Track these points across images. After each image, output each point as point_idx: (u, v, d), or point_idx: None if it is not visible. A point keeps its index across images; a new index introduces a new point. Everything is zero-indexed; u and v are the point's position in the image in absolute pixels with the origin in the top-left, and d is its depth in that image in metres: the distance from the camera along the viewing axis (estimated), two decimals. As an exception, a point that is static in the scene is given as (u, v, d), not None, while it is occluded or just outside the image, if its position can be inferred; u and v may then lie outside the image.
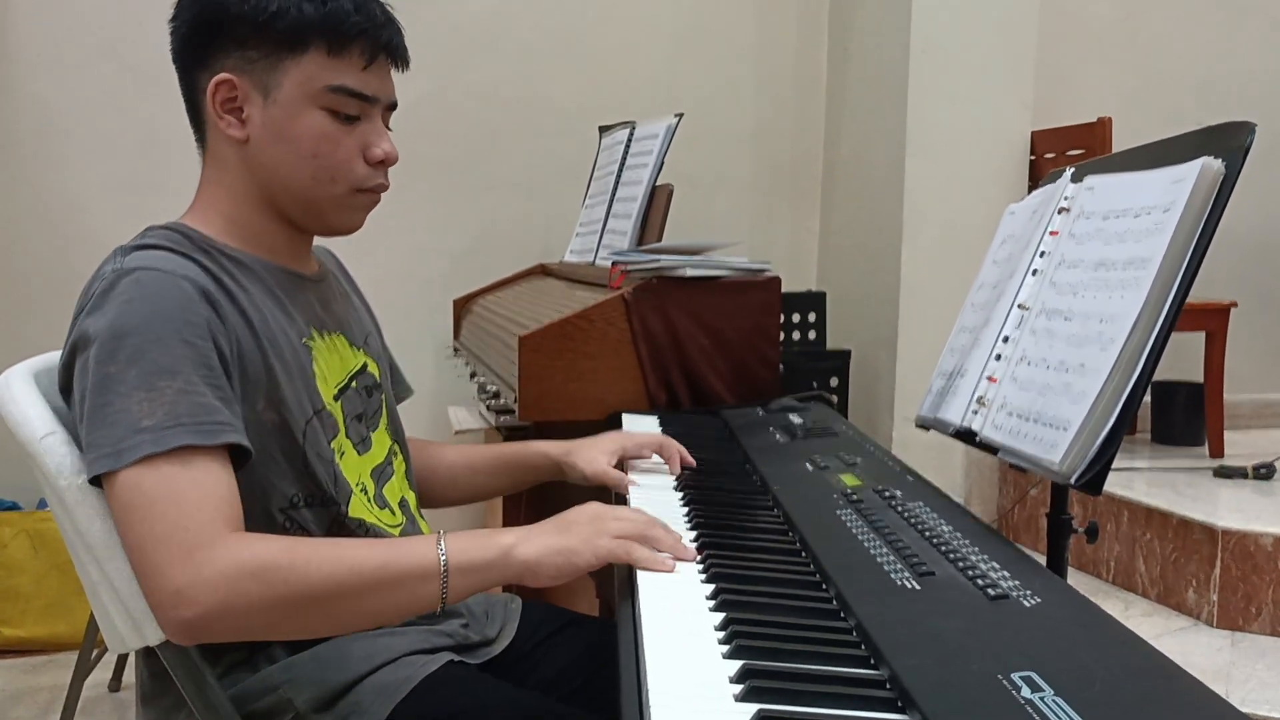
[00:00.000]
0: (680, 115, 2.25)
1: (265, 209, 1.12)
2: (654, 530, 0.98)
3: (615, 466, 1.31)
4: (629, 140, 2.42)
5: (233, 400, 0.99)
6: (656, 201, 2.22)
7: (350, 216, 1.15)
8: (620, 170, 2.41)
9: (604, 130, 2.69)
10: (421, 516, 1.27)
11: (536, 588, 0.98)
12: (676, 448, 1.34)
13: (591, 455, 1.32)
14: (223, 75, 1.07)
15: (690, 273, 1.71)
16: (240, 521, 0.94)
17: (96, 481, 0.94)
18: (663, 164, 2.22)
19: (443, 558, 0.94)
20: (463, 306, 2.79)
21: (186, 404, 0.93)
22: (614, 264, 1.82)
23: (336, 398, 1.15)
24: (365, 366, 1.23)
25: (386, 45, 1.11)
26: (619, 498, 1.25)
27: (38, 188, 2.74)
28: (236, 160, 1.10)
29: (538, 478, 1.39)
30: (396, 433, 1.28)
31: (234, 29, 1.06)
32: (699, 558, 0.96)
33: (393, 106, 1.15)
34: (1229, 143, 1.00)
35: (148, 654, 1.04)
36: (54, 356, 1.16)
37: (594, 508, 1.01)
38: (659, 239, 2.14)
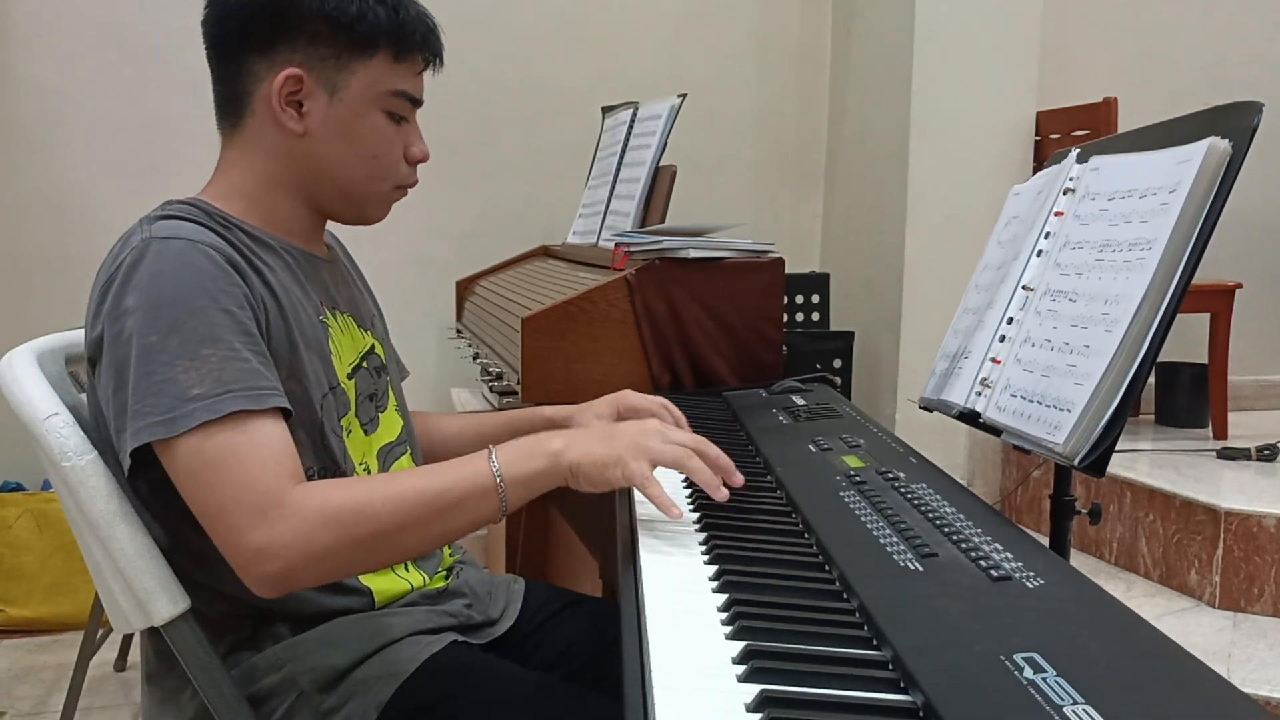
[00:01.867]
0: (683, 96, 2.24)
1: (296, 196, 1.14)
2: (691, 462, 0.99)
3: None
4: (632, 121, 2.41)
5: (271, 365, 1.01)
6: (659, 183, 2.21)
7: (383, 210, 1.19)
8: (623, 151, 2.40)
9: (607, 111, 2.68)
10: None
11: (580, 490, 1.00)
12: (678, 415, 1.29)
13: (586, 419, 1.33)
14: (294, 70, 1.07)
15: (693, 254, 1.70)
16: (302, 474, 0.97)
17: (139, 452, 0.94)
18: (666, 145, 2.21)
19: (497, 474, 0.98)
20: (465, 288, 2.79)
21: (233, 370, 0.95)
22: (617, 245, 1.81)
23: (350, 376, 1.16)
24: (373, 348, 1.24)
25: (439, 54, 1.16)
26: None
27: (39, 173, 2.74)
28: (281, 150, 1.11)
29: None
30: (405, 414, 1.28)
31: (309, 25, 1.07)
32: (701, 532, 0.97)
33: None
34: (1236, 123, 0.99)
35: (152, 634, 1.05)
36: (57, 338, 1.16)
37: (643, 425, 1.04)
38: (662, 220, 2.14)
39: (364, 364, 1.20)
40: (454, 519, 0.97)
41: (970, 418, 1.22)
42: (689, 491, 1.13)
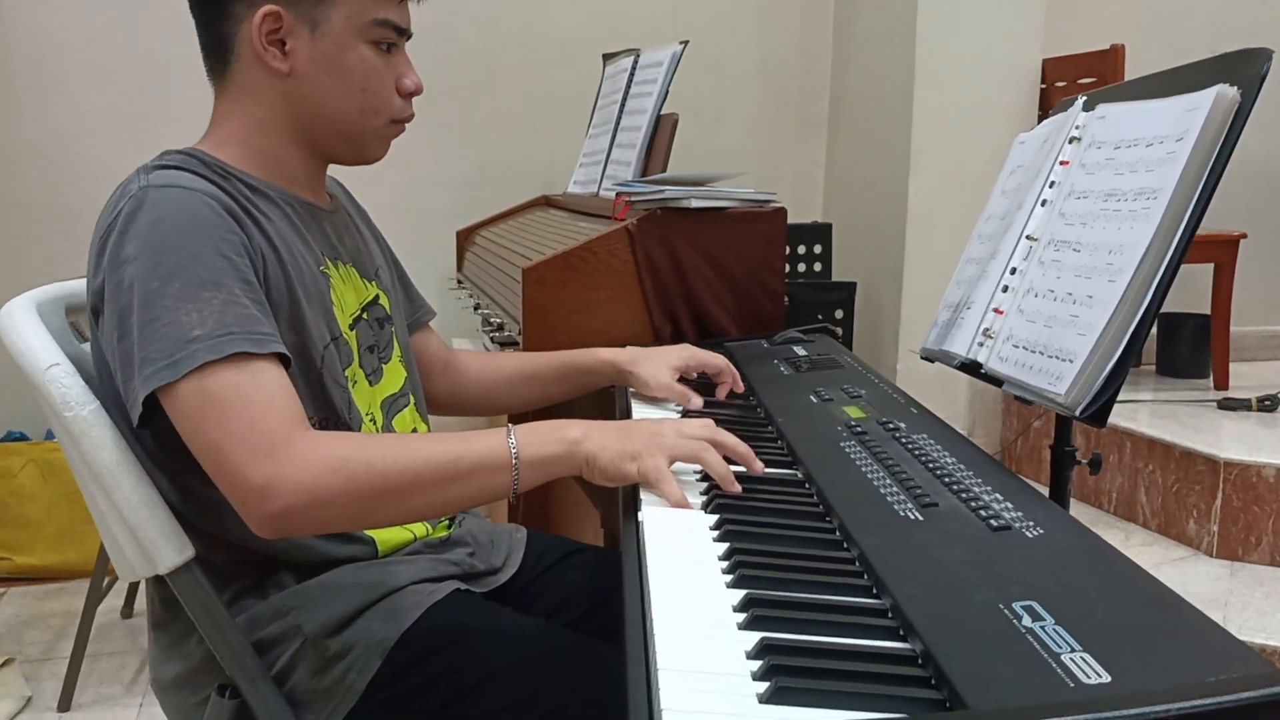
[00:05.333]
0: (685, 43, 2.21)
1: (293, 140, 1.13)
2: (707, 455, 0.97)
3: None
4: (633, 69, 2.38)
5: (269, 314, 1.00)
6: (661, 131, 2.19)
7: (382, 147, 1.17)
8: (624, 99, 2.37)
9: (608, 59, 2.65)
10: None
11: (594, 482, 0.99)
12: (733, 374, 1.37)
13: (656, 368, 1.33)
14: (271, 7, 1.06)
15: (695, 204, 1.69)
16: (306, 420, 0.96)
17: (151, 399, 0.94)
18: (667, 93, 2.18)
19: (514, 450, 0.97)
20: (466, 238, 2.77)
21: (234, 314, 0.95)
22: (618, 195, 1.80)
23: (351, 327, 1.16)
24: (377, 298, 1.23)
25: None
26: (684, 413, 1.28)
27: (35, 120, 2.71)
28: (271, 92, 1.10)
29: (596, 383, 1.41)
30: (410, 365, 1.28)
31: None
32: (703, 482, 0.97)
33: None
34: (1245, 70, 0.98)
35: (158, 582, 1.06)
36: (57, 287, 1.16)
37: (660, 422, 1.02)
38: (663, 170, 2.12)
39: (364, 315, 1.20)
40: (463, 487, 0.97)
41: (972, 368, 1.21)
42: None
